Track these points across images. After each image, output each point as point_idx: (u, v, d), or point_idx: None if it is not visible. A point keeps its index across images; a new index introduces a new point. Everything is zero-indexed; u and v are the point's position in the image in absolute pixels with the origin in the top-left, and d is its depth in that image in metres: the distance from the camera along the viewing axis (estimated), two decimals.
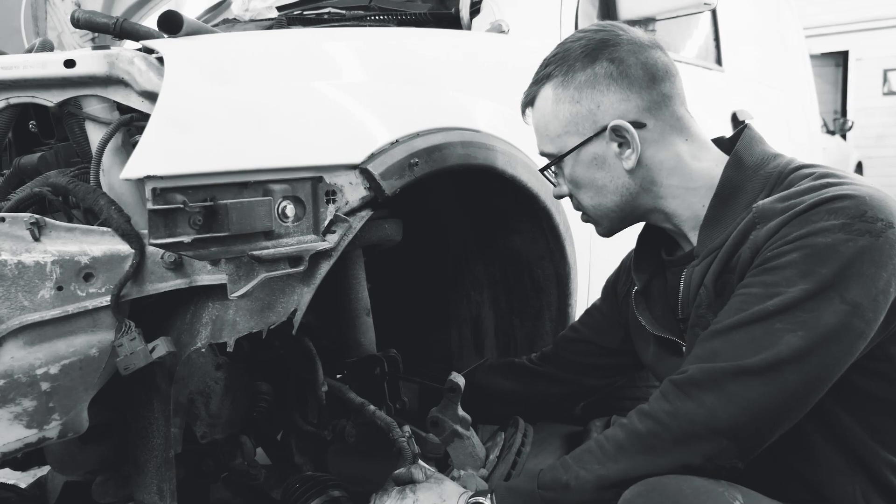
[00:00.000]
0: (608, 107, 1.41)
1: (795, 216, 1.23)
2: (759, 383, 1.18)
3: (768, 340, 1.19)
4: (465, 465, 1.69)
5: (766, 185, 1.36)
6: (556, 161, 1.49)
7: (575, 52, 1.43)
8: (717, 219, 1.38)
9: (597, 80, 1.41)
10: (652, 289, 1.57)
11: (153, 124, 1.25)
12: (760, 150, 1.42)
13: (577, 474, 1.28)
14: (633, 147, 1.41)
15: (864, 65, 12.85)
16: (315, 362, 1.73)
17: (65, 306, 1.27)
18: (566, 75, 1.43)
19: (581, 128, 1.43)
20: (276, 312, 1.35)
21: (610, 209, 1.49)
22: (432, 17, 2.20)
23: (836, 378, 1.21)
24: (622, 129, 1.40)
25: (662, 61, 1.43)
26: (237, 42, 1.55)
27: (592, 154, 1.44)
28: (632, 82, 1.40)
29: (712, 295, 1.35)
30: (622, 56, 1.41)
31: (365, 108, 1.54)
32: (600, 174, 1.45)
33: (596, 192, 1.47)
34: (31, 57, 1.40)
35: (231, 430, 1.77)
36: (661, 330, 1.52)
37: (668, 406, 1.24)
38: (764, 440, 1.22)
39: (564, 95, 1.44)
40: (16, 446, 1.23)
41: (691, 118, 1.47)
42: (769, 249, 1.24)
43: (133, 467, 1.45)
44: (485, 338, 2.17)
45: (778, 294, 1.20)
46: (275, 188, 1.33)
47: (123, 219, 1.32)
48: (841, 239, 1.18)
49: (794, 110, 4.15)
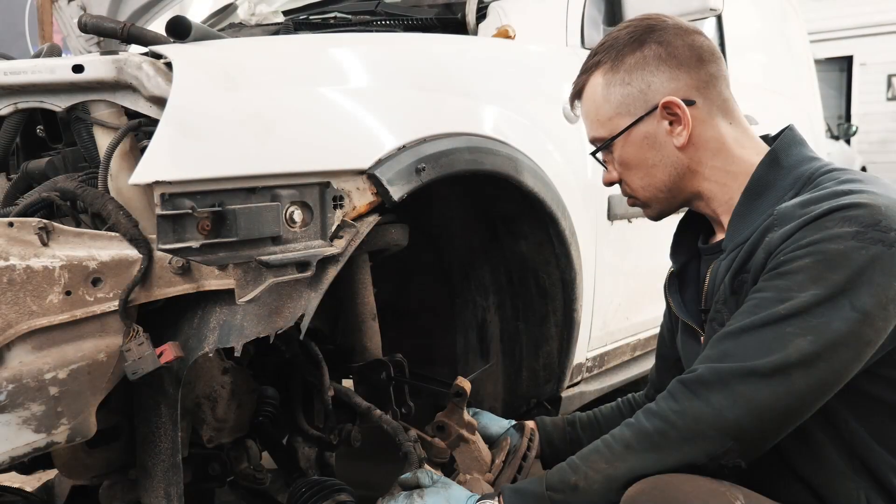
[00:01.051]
0: (658, 86, 1.43)
1: (810, 221, 1.24)
2: (767, 385, 1.19)
3: (778, 344, 1.20)
4: (471, 469, 1.69)
5: (796, 185, 1.37)
6: (609, 142, 1.50)
7: (622, 38, 1.47)
8: (745, 214, 1.39)
9: (646, 62, 1.44)
10: (686, 273, 1.60)
11: (162, 130, 1.25)
12: (798, 151, 1.42)
13: (585, 474, 1.28)
14: (683, 123, 1.43)
15: (869, 70, 12.87)
16: (321, 367, 1.73)
17: (73, 311, 1.28)
18: (615, 60, 1.46)
19: (632, 108, 1.45)
20: (283, 317, 1.35)
21: (659, 188, 1.49)
22: (438, 22, 2.21)
23: (843, 383, 1.22)
24: (674, 106, 1.42)
25: (708, 44, 1.47)
26: (245, 48, 1.56)
27: (644, 133, 1.46)
28: (680, 62, 1.43)
29: (728, 292, 1.36)
30: (669, 38, 1.44)
31: (372, 113, 1.54)
32: (651, 153, 1.46)
33: (646, 171, 1.48)
34: (40, 62, 1.41)
35: (237, 435, 1.77)
36: (687, 316, 1.55)
37: (676, 405, 1.25)
38: (768, 441, 1.23)
39: (615, 79, 1.46)
40: (24, 450, 1.23)
41: (735, 102, 1.49)
42: (783, 254, 1.25)
43: (140, 471, 1.45)
44: (490, 343, 2.17)
45: (790, 299, 1.21)
46: (282, 193, 1.33)
47: (131, 224, 1.33)
48: (853, 246, 1.19)
49: (799, 116, 4.14)
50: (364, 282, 1.81)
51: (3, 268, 1.21)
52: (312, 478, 1.76)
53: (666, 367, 1.78)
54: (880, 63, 12.67)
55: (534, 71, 2.13)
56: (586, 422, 1.83)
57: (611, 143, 1.50)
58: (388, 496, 1.46)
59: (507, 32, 2.13)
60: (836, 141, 8.88)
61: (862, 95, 12.94)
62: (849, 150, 9.54)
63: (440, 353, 2.28)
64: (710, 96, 1.45)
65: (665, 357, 1.78)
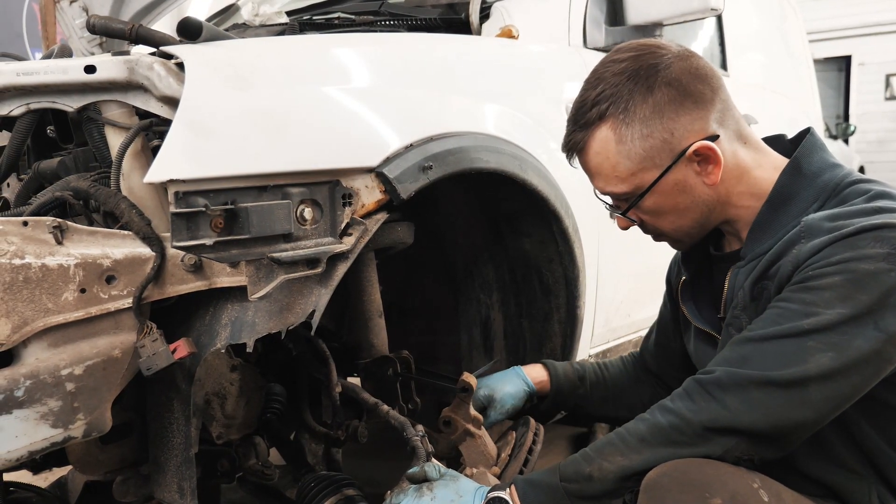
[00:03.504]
0: (682, 131, 1.37)
1: (841, 238, 1.24)
2: (783, 395, 1.21)
3: (799, 357, 1.21)
4: (478, 463, 1.71)
5: (821, 196, 1.36)
6: (638, 199, 1.43)
7: (625, 86, 1.37)
8: (767, 224, 1.39)
9: (662, 109, 1.36)
10: (698, 281, 1.60)
11: (175, 129, 1.27)
12: (820, 157, 1.41)
13: (600, 465, 1.30)
14: (714, 161, 1.38)
15: (867, 70, 12.88)
16: (329, 363, 1.75)
17: (88, 308, 1.30)
18: (625, 112, 1.37)
19: (658, 160, 1.38)
20: (294, 314, 1.37)
21: (691, 227, 1.47)
22: (442, 22, 2.22)
23: (859, 397, 1.24)
24: (704, 149, 1.37)
25: (708, 67, 1.41)
26: (255, 48, 1.58)
27: (674, 181, 1.40)
28: (696, 100, 1.36)
29: (748, 298, 1.37)
30: (676, 76, 1.36)
31: (379, 112, 1.56)
32: (682, 198, 1.41)
33: (678, 215, 1.44)
34: (52, 63, 1.42)
35: (246, 431, 1.79)
36: (702, 322, 1.56)
37: (693, 405, 1.27)
38: (783, 445, 1.25)
39: (629, 133, 1.37)
40: (42, 445, 1.25)
41: (742, 119, 1.45)
42: (811, 268, 1.25)
43: (153, 467, 1.47)
44: (494, 340, 2.19)
45: (815, 314, 1.22)
46: (293, 191, 1.35)
47: (144, 222, 1.35)
48: (884, 268, 1.20)
49: (798, 115, 4.17)
50: (370, 279, 1.82)
51: (19, 266, 1.23)
52: (321, 473, 1.78)
53: (666, 355, 1.81)
54: (878, 63, 12.68)
55: (537, 71, 2.15)
56: (594, 379, 1.87)
57: (641, 198, 1.43)
58: (398, 490, 1.48)
59: (510, 32, 2.15)
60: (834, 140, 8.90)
61: (860, 95, 12.95)
62: (847, 150, 9.54)
63: (444, 351, 2.30)
64: (727, 124, 1.40)
65: (664, 346, 1.81)
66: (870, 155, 11.98)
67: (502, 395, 1.85)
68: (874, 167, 11.61)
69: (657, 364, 1.85)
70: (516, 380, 1.88)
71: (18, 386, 1.22)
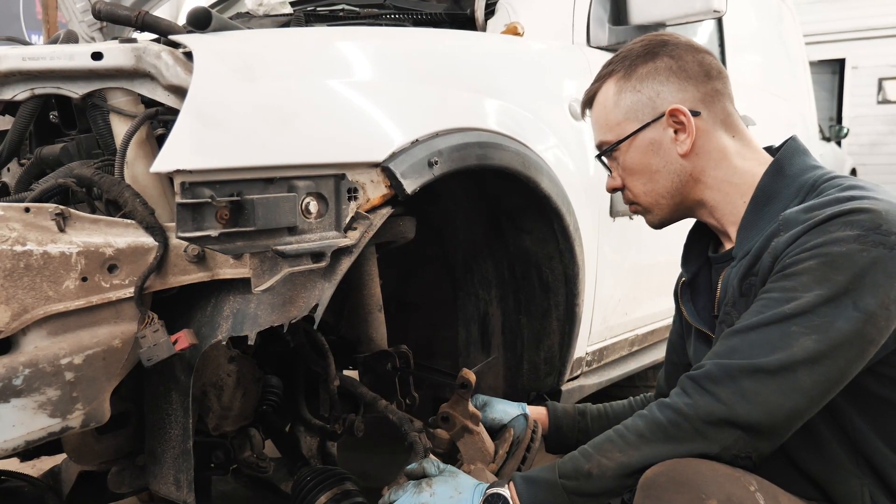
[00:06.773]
0: (667, 95, 1.50)
1: (814, 226, 1.28)
2: (773, 382, 1.23)
3: (784, 342, 1.24)
4: (475, 459, 1.71)
5: (800, 193, 1.41)
6: (615, 145, 1.55)
7: (636, 50, 1.54)
8: (753, 223, 1.44)
9: (657, 72, 1.51)
10: (698, 282, 1.63)
11: (183, 119, 1.26)
12: (801, 160, 1.47)
13: (598, 462, 1.31)
14: (688, 132, 1.48)
15: (860, 73, 12.93)
16: (327, 356, 1.74)
17: (89, 297, 1.29)
18: (628, 69, 1.53)
19: (640, 114, 1.51)
20: (297, 307, 1.36)
21: (661, 194, 1.54)
22: (447, 18, 2.21)
23: (847, 381, 1.26)
24: (679, 114, 1.48)
25: (716, 64, 1.54)
26: (263, 39, 1.56)
27: (649, 139, 1.51)
28: (689, 76, 1.50)
29: (737, 294, 1.41)
30: (681, 53, 1.51)
31: (386, 107, 1.55)
32: (655, 159, 1.52)
33: (649, 177, 1.53)
34: (58, 48, 1.41)
35: (241, 423, 1.78)
36: (700, 322, 1.59)
37: (688, 399, 1.29)
38: (778, 435, 1.26)
39: (626, 87, 1.53)
40: (39, 435, 1.24)
41: (739, 118, 1.54)
42: (788, 256, 1.29)
43: (150, 458, 1.46)
44: (492, 336, 2.19)
45: (795, 298, 1.25)
46: (299, 185, 1.35)
47: (148, 211, 1.34)
48: (855, 249, 1.23)
49: (794, 117, 4.17)
50: (371, 273, 1.82)
51: (21, 253, 1.22)
52: (318, 466, 1.77)
53: (676, 372, 1.80)
54: (872, 67, 12.73)
55: (541, 68, 2.14)
56: (596, 414, 1.87)
57: (617, 147, 1.55)
58: (396, 486, 1.47)
59: (515, 29, 2.15)
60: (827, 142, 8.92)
61: (853, 98, 12.99)
62: (840, 152, 9.58)
63: (442, 346, 2.30)
64: (715, 110, 1.51)
65: (675, 363, 1.81)
66: (862, 157, 12.02)
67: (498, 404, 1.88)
68: (866, 170, 11.65)
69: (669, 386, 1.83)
70: (514, 404, 1.90)
71: (17, 374, 1.21)
